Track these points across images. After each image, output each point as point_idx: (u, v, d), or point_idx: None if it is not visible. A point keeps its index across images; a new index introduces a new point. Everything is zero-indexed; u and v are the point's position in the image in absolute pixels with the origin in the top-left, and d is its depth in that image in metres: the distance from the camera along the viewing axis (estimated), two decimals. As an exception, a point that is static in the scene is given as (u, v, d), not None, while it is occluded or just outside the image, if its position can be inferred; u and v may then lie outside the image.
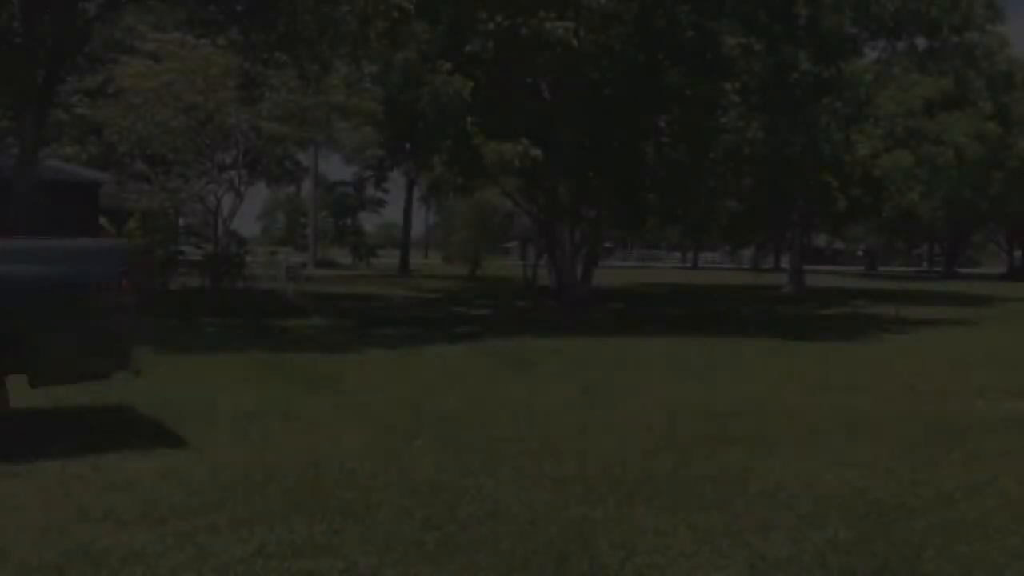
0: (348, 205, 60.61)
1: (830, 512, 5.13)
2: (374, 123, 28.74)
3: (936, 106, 29.91)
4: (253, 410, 7.80)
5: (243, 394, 8.57)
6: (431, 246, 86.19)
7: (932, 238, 70.72)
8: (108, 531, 4.60)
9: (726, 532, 4.76)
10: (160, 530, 4.61)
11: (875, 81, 29.16)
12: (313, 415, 7.73)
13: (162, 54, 21.88)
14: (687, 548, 4.52)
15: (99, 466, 5.79)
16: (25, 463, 5.73)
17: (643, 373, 10.98)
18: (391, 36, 17.79)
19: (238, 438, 6.70)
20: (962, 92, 32.03)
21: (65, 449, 6.02)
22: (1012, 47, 37.53)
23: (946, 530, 4.86)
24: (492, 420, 7.65)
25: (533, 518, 4.93)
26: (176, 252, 25.08)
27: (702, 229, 43.66)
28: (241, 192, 25.29)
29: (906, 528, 4.88)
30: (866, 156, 25.55)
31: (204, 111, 22.25)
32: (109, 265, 6.18)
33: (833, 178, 24.49)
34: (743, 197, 22.62)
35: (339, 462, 6.03)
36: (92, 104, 22.78)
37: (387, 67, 19.30)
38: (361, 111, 26.76)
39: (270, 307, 19.80)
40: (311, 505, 5.06)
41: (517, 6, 17.53)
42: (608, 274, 38.44)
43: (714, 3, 19.38)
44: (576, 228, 22.04)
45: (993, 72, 35.31)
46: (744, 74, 18.82)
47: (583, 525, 4.82)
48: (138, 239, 21.86)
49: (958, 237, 62.78)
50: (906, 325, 19.49)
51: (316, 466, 5.93)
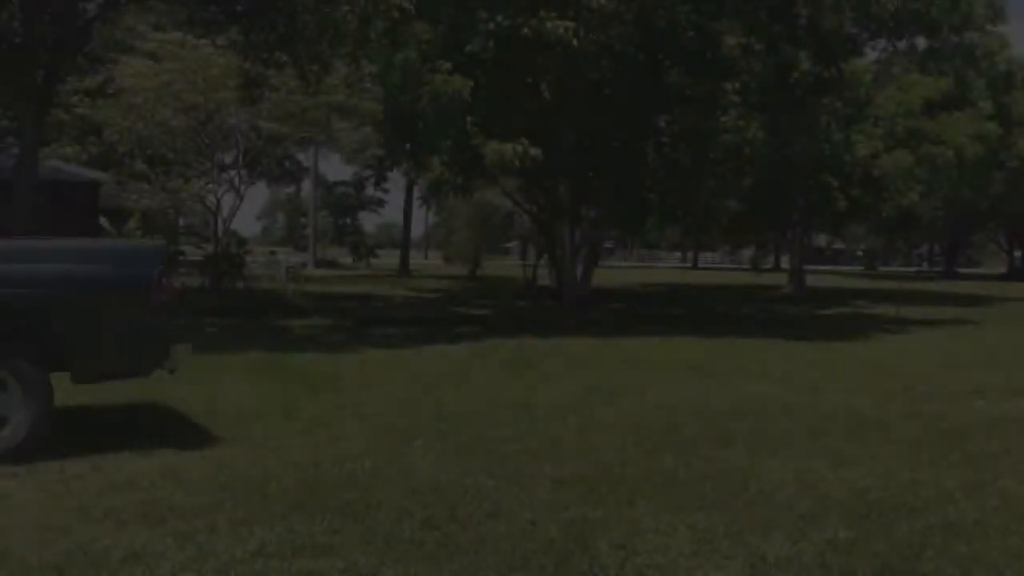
0: (348, 205, 60.73)
1: (830, 512, 5.13)
2: (374, 123, 28.78)
3: (936, 106, 29.89)
4: (253, 410, 7.81)
5: (243, 394, 8.58)
6: (431, 246, 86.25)
7: (932, 238, 70.79)
8: (108, 531, 4.60)
9: (726, 532, 4.76)
10: (160, 530, 4.61)
11: (875, 81, 29.15)
12: (313, 415, 7.73)
13: (162, 54, 21.92)
14: (687, 548, 4.52)
15: (99, 466, 5.79)
16: (25, 463, 5.73)
17: (643, 373, 10.98)
18: (391, 36, 17.76)
19: (238, 438, 6.70)
20: (962, 92, 32.01)
21: (65, 449, 6.01)
22: (1012, 47, 37.57)
23: (946, 530, 4.86)
24: (492, 420, 7.65)
25: (533, 518, 4.92)
26: (176, 252, 25.07)
27: (702, 229, 43.62)
28: (241, 192, 25.32)
29: (906, 528, 4.88)
30: (866, 156, 25.54)
31: (204, 111, 22.29)
32: (149, 265, 6.33)
33: (833, 178, 24.49)
34: (743, 197, 22.58)
35: (339, 462, 6.02)
36: (92, 104, 22.79)
37: (387, 67, 19.27)
38: (361, 111, 26.81)
39: (270, 307, 19.81)
40: (311, 505, 5.06)
41: (517, 6, 17.51)
42: (608, 274, 38.44)
43: (714, 3, 19.36)
44: (576, 228, 22.02)
45: (993, 72, 35.31)
46: (744, 74, 18.80)
47: (583, 525, 4.82)
48: (138, 239, 21.85)
49: (958, 237, 62.80)
50: (906, 325, 19.52)
51: (316, 466, 5.93)
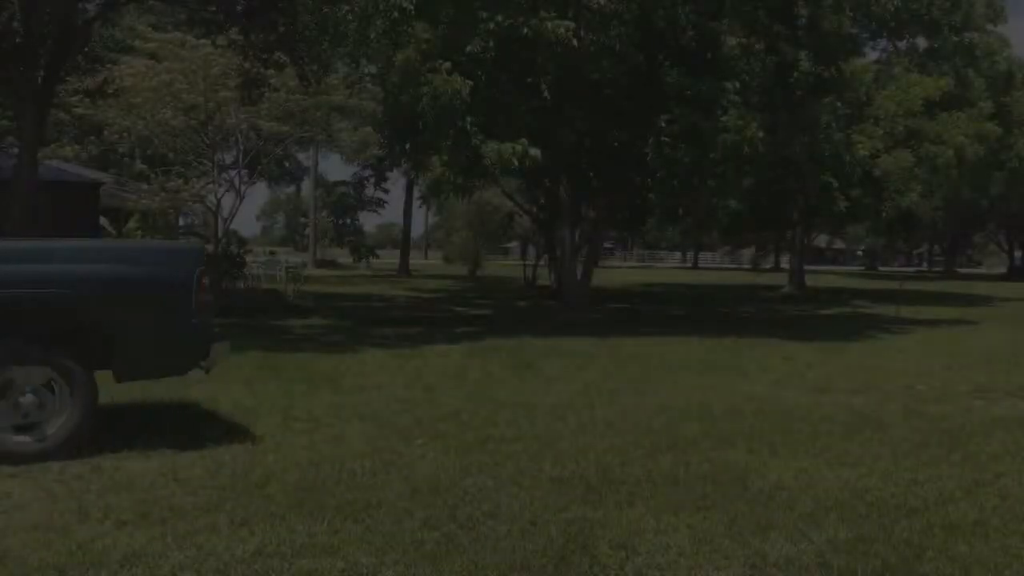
0: (348, 205, 60.72)
1: (830, 512, 5.12)
2: (374, 123, 28.83)
3: (936, 106, 29.86)
4: (253, 409, 7.81)
5: (243, 393, 8.58)
6: (431, 246, 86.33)
7: (932, 238, 70.82)
8: (108, 531, 4.60)
9: (726, 532, 4.76)
10: (160, 530, 4.61)
11: (875, 81, 29.13)
12: (313, 415, 7.73)
13: (162, 54, 21.91)
14: (687, 548, 4.52)
15: (99, 466, 5.79)
16: (25, 463, 5.73)
17: (643, 373, 10.98)
18: (391, 36, 17.78)
19: (238, 438, 6.70)
20: (962, 92, 31.98)
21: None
22: (1012, 47, 37.56)
23: (946, 530, 4.86)
24: (492, 420, 7.65)
25: (533, 518, 4.93)
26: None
27: (702, 229, 43.65)
28: (241, 192, 25.30)
29: (906, 528, 4.88)
30: (866, 156, 25.51)
31: (204, 111, 22.27)
32: (189, 265, 6.40)
33: (833, 178, 24.46)
34: (743, 197, 22.55)
35: (339, 462, 6.02)
36: (92, 104, 22.78)
37: (387, 67, 19.30)
38: (361, 111, 26.83)
39: (270, 307, 19.82)
40: (311, 505, 5.06)
41: (517, 6, 17.51)
42: (608, 274, 38.48)
43: (714, 3, 19.37)
44: (576, 228, 22.03)
45: (993, 72, 35.27)
46: (744, 74, 18.78)
47: (583, 525, 4.82)
48: (138, 239, 21.86)
49: (958, 237, 62.86)
50: (906, 325, 19.52)
51: (316, 466, 5.93)
